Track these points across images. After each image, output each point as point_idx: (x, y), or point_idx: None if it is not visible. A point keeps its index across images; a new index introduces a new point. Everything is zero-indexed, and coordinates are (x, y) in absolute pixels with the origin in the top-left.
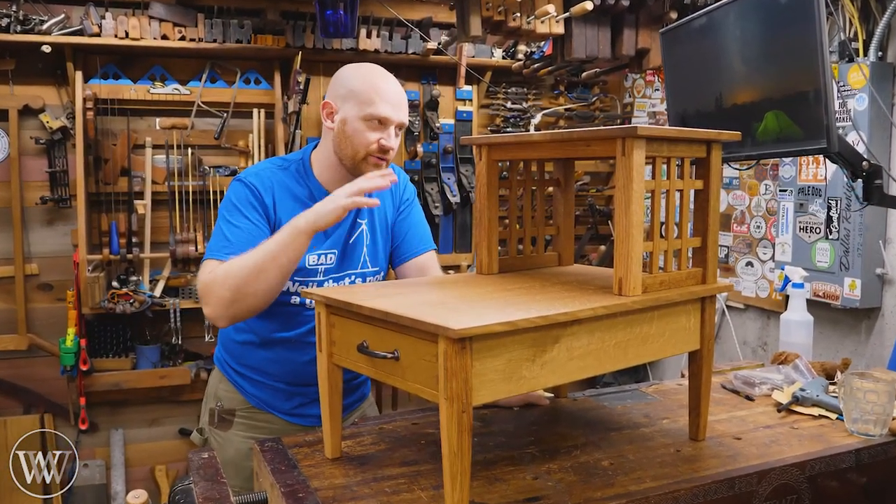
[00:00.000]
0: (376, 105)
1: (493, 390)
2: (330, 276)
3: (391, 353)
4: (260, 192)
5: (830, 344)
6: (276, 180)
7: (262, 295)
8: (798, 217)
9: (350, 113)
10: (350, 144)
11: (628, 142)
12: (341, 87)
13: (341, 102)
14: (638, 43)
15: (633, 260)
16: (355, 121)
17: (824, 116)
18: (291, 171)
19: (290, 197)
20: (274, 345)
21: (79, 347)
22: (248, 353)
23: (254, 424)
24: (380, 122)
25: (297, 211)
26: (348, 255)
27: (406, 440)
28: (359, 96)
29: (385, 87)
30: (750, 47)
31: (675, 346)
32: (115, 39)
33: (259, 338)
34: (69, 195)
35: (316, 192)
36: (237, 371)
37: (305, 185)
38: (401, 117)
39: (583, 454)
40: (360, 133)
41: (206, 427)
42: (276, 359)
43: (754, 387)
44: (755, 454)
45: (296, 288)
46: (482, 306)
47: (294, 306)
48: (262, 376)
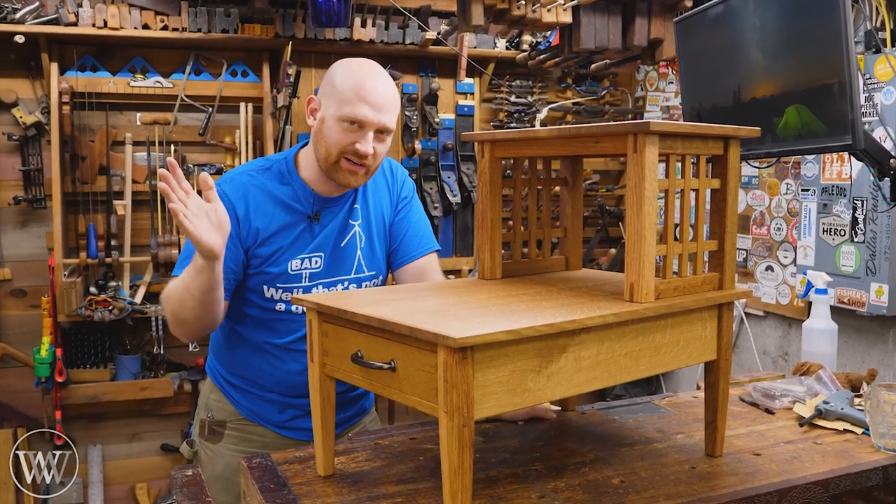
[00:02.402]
0: (354, 105)
1: (496, 403)
2: (318, 282)
3: (387, 364)
4: (232, 202)
5: (856, 353)
6: (252, 185)
7: (193, 322)
8: (821, 218)
9: (328, 111)
10: (324, 145)
11: (640, 138)
12: (328, 84)
13: (325, 99)
14: (651, 32)
15: (645, 264)
16: (332, 120)
17: (849, 111)
18: (273, 173)
19: (270, 201)
20: (264, 353)
21: (54, 357)
22: (238, 361)
23: (245, 437)
24: (356, 124)
25: (279, 214)
26: (339, 259)
27: (403, 456)
28: (340, 94)
29: (369, 86)
30: (770, 37)
31: (690, 355)
32: (92, 29)
33: (249, 345)
34: (44, 195)
35: (301, 192)
36: (228, 381)
37: (289, 186)
38: (382, 120)
39: (592, 471)
40: (335, 134)
41: (197, 439)
42: (267, 368)
43: (775, 399)
44: (775, 471)
45: (280, 294)
46: (484, 313)
47: (280, 312)
48: (254, 387)
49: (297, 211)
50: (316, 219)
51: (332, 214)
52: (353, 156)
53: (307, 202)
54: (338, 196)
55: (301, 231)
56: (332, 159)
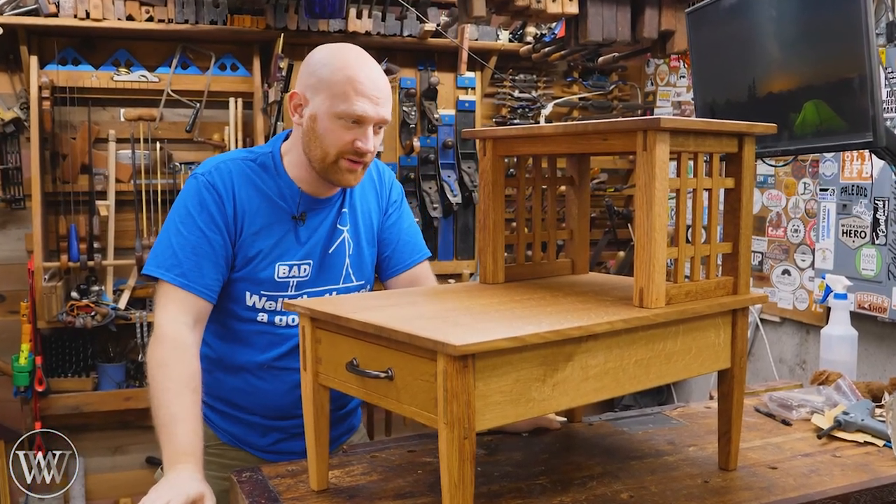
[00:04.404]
0: (351, 101)
1: (498, 414)
2: (305, 291)
3: (384, 373)
4: (220, 193)
5: (877, 362)
6: (239, 174)
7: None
8: (841, 220)
9: (321, 108)
10: (320, 145)
11: (650, 135)
12: (311, 76)
13: (311, 94)
14: (661, 24)
15: (655, 268)
16: (326, 118)
17: (870, 106)
18: (258, 165)
19: (256, 193)
20: (241, 371)
21: (34, 366)
22: (214, 382)
23: (225, 463)
24: (355, 120)
25: (263, 209)
26: (327, 268)
27: (401, 470)
28: (331, 88)
29: (363, 78)
30: (787, 29)
31: (703, 364)
32: (74, 20)
33: (224, 363)
34: (23, 195)
35: (286, 190)
36: (206, 403)
37: (274, 181)
38: (381, 114)
39: (599, 486)
40: (332, 133)
41: None
42: (246, 389)
43: (792, 410)
44: (792, 486)
45: (263, 303)
46: (486, 320)
47: (261, 324)
48: (234, 409)
49: (282, 209)
50: (301, 220)
51: (320, 218)
52: (354, 154)
53: (293, 201)
54: (325, 197)
55: (285, 232)
56: (331, 159)
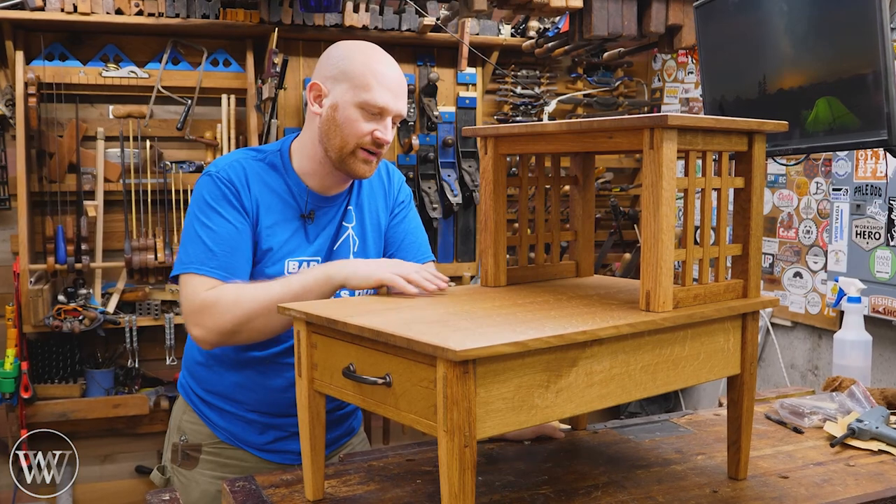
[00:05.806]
0: (374, 91)
1: (500, 421)
2: None
3: (382, 379)
4: (236, 186)
5: (892, 367)
6: (251, 171)
7: (268, 332)
8: (854, 220)
9: (343, 98)
10: (339, 134)
11: (657, 133)
12: (333, 68)
13: (332, 84)
14: (668, 18)
15: (662, 270)
16: (348, 107)
17: (885, 103)
18: (267, 163)
19: (267, 190)
20: (244, 366)
21: (19, 371)
22: (214, 377)
23: (223, 462)
24: (377, 110)
25: (275, 206)
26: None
27: (399, 479)
28: (354, 79)
29: (385, 71)
30: (799, 23)
31: (712, 370)
32: (61, 14)
33: (226, 358)
34: (8, 195)
35: (294, 187)
36: (203, 399)
37: (283, 179)
38: (399, 108)
39: (604, 495)
40: (353, 122)
41: (169, 465)
42: (247, 383)
43: (804, 417)
44: (804, 495)
45: None
46: (488, 324)
47: None
48: (232, 405)
49: (291, 206)
50: (310, 218)
51: (328, 216)
52: (372, 145)
53: (301, 199)
54: (333, 195)
55: (295, 230)
56: (349, 149)
